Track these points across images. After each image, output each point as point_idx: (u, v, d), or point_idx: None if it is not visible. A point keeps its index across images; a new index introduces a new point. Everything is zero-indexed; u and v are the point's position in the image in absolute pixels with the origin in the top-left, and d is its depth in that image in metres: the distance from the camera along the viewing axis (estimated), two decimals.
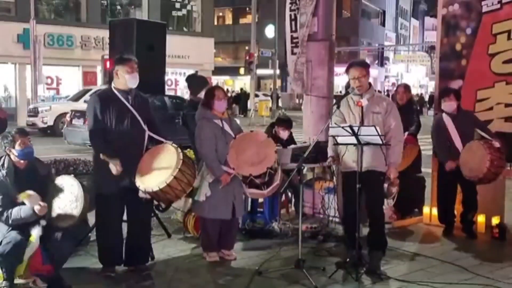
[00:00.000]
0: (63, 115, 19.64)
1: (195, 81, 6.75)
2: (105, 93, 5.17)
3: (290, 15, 7.91)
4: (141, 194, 4.92)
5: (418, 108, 8.04)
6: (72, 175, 4.96)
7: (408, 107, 7.56)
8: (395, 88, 9.92)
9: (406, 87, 7.89)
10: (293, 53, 7.94)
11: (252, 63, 32.69)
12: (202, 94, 6.07)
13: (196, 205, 5.65)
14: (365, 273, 5.22)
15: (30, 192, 4.52)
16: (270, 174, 5.38)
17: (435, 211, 7.17)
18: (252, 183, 5.44)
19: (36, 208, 4.49)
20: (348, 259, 5.35)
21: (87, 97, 20.04)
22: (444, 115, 6.67)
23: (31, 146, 4.72)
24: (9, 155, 4.66)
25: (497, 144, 6.22)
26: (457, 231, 6.83)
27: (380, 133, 4.96)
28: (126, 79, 5.06)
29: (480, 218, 6.84)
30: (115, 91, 5.08)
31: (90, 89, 20.96)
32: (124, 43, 6.38)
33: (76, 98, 20.95)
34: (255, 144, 5.53)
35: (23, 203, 4.51)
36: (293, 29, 7.90)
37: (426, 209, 7.34)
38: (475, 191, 6.62)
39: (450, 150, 6.55)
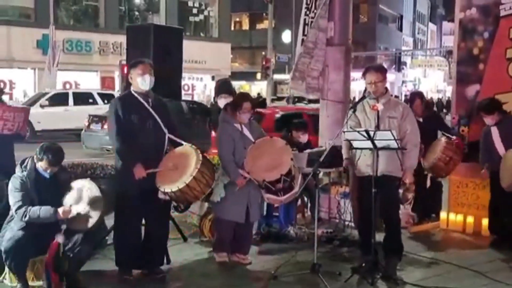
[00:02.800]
0: None
1: (217, 86, 6.78)
2: (125, 96, 5.25)
3: (305, 20, 7.95)
4: (160, 195, 4.96)
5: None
6: (89, 179, 5.01)
7: (432, 118, 7.29)
8: (407, 96, 9.60)
9: (421, 97, 7.47)
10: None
11: (269, 68, 32.70)
12: (220, 101, 6.11)
13: (212, 205, 5.74)
14: (381, 278, 5.20)
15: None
16: (286, 181, 5.36)
17: (452, 216, 7.13)
18: (269, 189, 5.44)
19: (61, 209, 4.56)
20: (363, 264, 5.34)
21: (43, 101, 19.60)
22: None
23: (50, 172, 4.75)
24: (34, 160, 4.75)
25: None
26: (473, 236, 6.78)
27: (396, 138, 4.95)
28: (138, 81, 5.10)
29: None
30: (135, 94, 5.14)
31: (46, 93, 20.40)
32: (141, 48, 6.41)
33: (32, 102, 20.01)
34: (272, 150, 5.54)
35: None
36: (305, 33, 7.96)
37: (443, 214, 7.28)
38: None
39: (493, 158, 6.37)
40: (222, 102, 6.07)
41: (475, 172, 6.79)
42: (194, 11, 33.08)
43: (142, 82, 5.09)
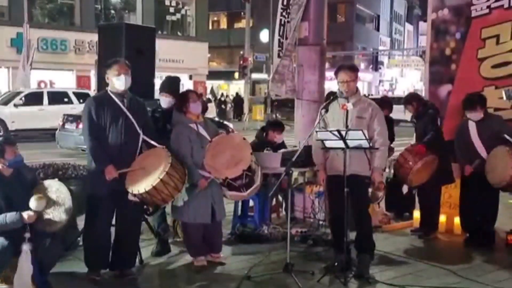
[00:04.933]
0: None
1: (161, 83, 6.45)
2: (100, 96, 5.23)
3: (281, 20, 7.99)
4: (130, 197, 4.93)
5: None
6: (57, 179, 4.94)
7: (420, 117, 6.80)
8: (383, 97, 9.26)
9: (410, 102, 6.85)
10: (279, 56, 8.07)
11: (246, 68, 32.70)
12: (161, 100, 5.92)
13: (175, 211, 5.57)
14: (354, 277, 5.22)
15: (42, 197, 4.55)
16: (248, 176, 5.37)
17: None
18: (231, 186, 5.42)
19: (26, 214, 4.47)
20: (336, 263, 5.35)
21: (17, 100, 19.23)
22: (469, 121, 6.43)
23: (20, 155, 4.70)
24: None
25: None
26: (445, 235, 6.85)
27: (367, 137, 4.97)
28: (114, 81, 5.07)
29: None
30: (111, 94, 5.10)
31: (20, 92, 19.99)
32: (112, 47, 6.33)
33: (5, 101, 19.55)
34: (231, 147, 5.49)
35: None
36: (281, 33, 8.00)
37: (416, 213, 7.33)
38: (497, 201, 6.42)
39: (471, 155, 6.35)
40: (162, 101, 5.90)
41: None
42: (171, 10, 32.95)
43: (118, 82, 5.06)
